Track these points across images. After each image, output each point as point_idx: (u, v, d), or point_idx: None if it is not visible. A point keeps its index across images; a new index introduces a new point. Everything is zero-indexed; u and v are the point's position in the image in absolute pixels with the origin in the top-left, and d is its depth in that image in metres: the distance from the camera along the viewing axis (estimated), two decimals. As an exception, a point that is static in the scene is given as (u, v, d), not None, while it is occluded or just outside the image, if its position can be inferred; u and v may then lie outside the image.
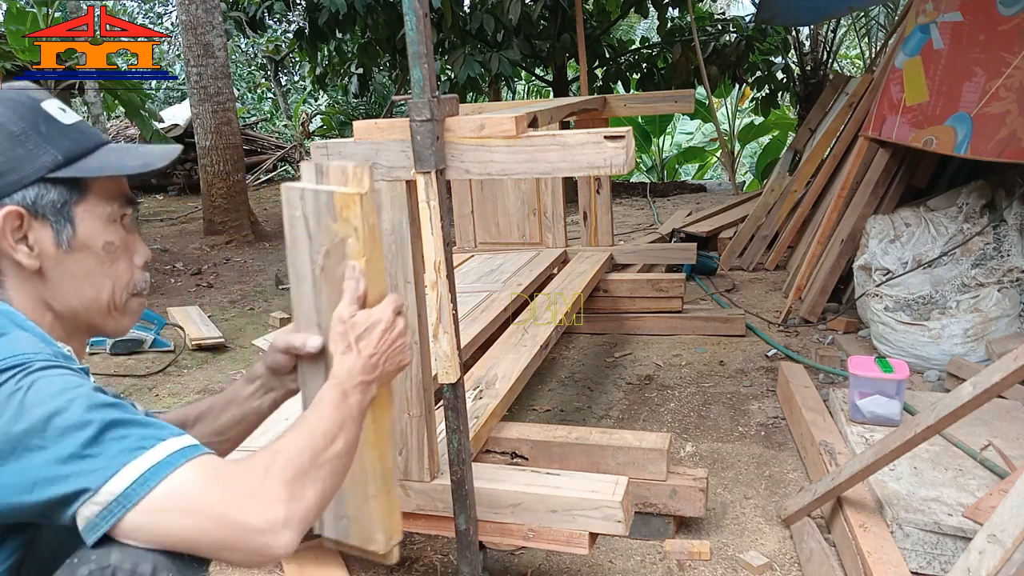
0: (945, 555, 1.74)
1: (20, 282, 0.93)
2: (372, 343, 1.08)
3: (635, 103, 3.70)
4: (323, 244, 1.11)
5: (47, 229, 0.92)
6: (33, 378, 0.81)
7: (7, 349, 0.84)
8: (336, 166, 1.11)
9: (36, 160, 0.91)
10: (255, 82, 14.71)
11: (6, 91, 0.96)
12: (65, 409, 0.80)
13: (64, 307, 0.95)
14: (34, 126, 0.93)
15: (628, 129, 1.34)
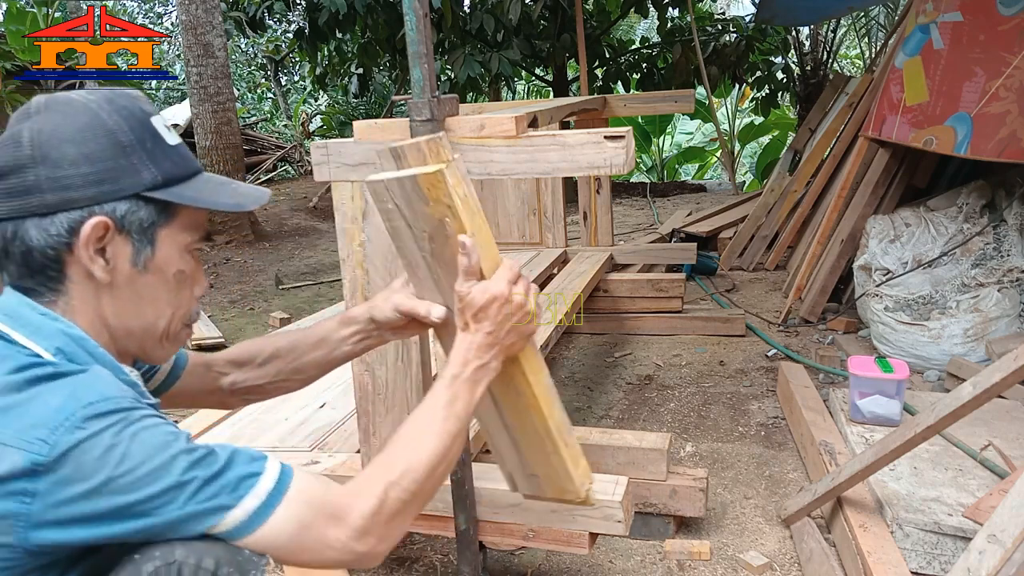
0: (945, 555, 1.74)
1: (84, 293, 0.89)
2: (489, 319, 1.05)
3: (635, 103, 3.70)
4: (424, 229, 1.07)
5: (128, 246, 0.90)
6: (131, 433, 0.79)
7: (94, 390, 0.81)
8: (411, 145, 1.06)
9: (137, 175, 0.88)
10: (255, 82, 14.71)
11: (120, 96, 0.92)
12: (167, 471, 0.79)
13: (121, 327, 0.92)
14: (142, 140, 0.90)
15: (628, 129, 1.34)
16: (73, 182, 0.85)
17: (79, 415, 0.77)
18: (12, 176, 0.85)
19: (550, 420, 1.20)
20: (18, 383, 0.80)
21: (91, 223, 0.86)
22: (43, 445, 0.75)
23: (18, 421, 0.77)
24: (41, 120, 0.86)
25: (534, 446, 1.24)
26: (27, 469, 0.75)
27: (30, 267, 0.87)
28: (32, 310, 0.87)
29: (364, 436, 1.69)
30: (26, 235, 0.85)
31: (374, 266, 1.55)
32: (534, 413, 1.19)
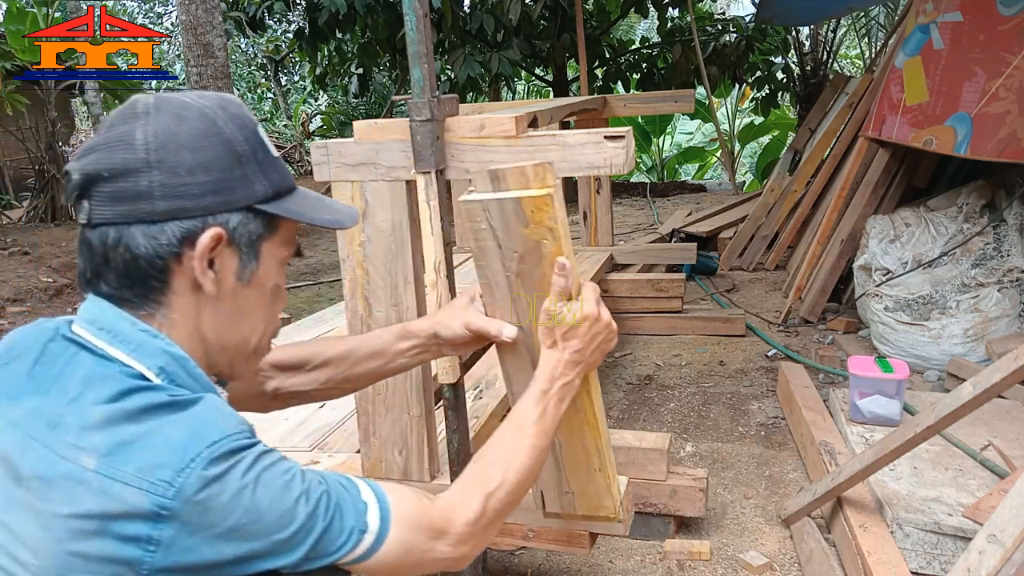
0: (945, 555, 1.74)
1: (185, 307, 0.84)
2: (578, 338, 1.12)
3: (635, 103, 3.70)
4: (515, 250, 1.11)
5: (235, 259, 0.85)
6: (255, 476, 0.76)
7: (216, 426, 0.77)
8: (514, 168, 1.09)
9: (250, 187, 0.85)
10: (255, 82, 14.72)
11: (230, 103, 0.87)
12: (291, 518, 0.78)
13: (218, 342, 0.88)
14: (255, 151, 0.86)
15: (628, 129, 1.33)
16: (189, 191, 0.81)
17: (204, 456, 0.73)
18: (122, 179, 0.79)
19: (602, 438, 1.25)
20: (132, 412, 0.75)
21: (209, 234, 0.82)
22: (168, 488, 0.71)
23: (139, 458, 0.72)
24: (155, 122, 0.81)
25: (581, 463, 1.29)
26: (151, 513, 0.71)
27: (131, 276, 0.81)
28: (132, 325, 0.82)
29: (364, 436, 1.68)
30: (132, 242, 0.80)
31: (374, 266, 1.55)
32: (589, 430, 1.24)
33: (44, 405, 0.76)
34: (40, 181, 7.39)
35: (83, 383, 0.77)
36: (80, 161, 0.80)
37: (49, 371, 0.79)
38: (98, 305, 0.83)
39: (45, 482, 0.72)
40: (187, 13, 6.04)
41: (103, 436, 0.73)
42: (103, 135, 0.81)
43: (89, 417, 0.74)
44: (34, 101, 7.19)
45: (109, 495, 0.71)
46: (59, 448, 0.73)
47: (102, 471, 0.71)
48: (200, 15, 6.02)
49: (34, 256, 5.65)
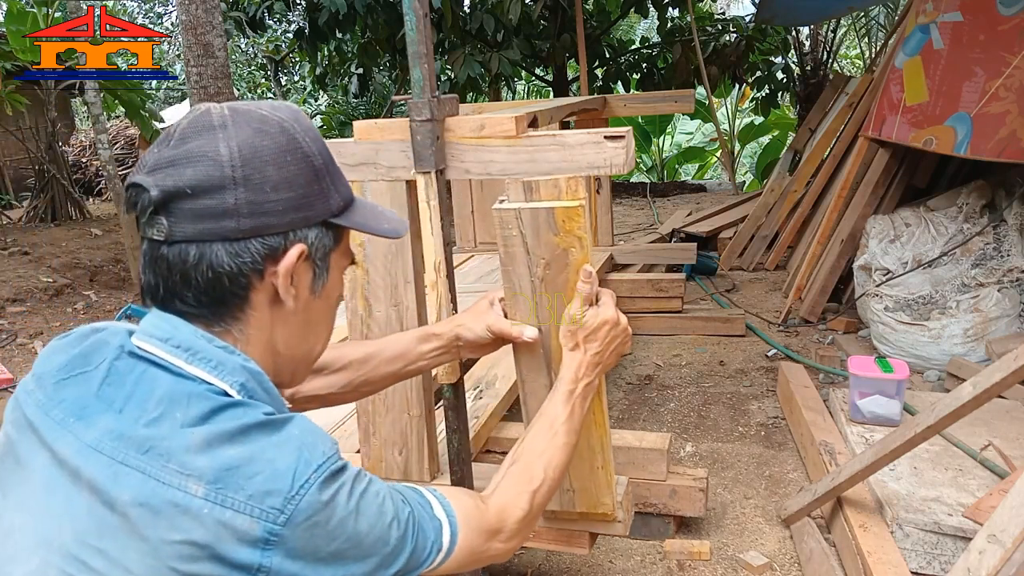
0: (945, 555, 1.74)
1: (261, 321, 0.83)
2: (598, 341, 1.20)
3: (635, 103, 3.70)
4: (542, 257, 1.20)
5: (310, 272, 0.85)
6: (356, 502, 0.78)
7: (317, 448, 0.77)
8: (547, 181, 1.18)
9: (327, 201, 0.84)
10: (255, 82, 14.72)
11: (299, 114, 0.85)
12: (385, 542, 0.81)
13: (288, 354, 0.88)
14: (328, 164, 0.85)
15: (628, 129, 1.33)
16: (274, 208, 0.79)
17: (312, 482, 0.74)
18: (206, 196, 0.76)
19: (606, 436, 1.34)
20: (231, 433, 0.74)
21: (295, 251, 0.81)
22: (279, 515, 0.71)
23: (248, 484, 0.71)
24: (236, 135, 0.78)
25: (585, 460, 1.36)
26: (261, 539, 0.71)
27: (212, 294, 0.79)
28: (209, 342, 0.80)
29: (364, 436, 1.68)
30: (215, 260, 0.78)
31: (374, 266, 1.55)
32: (596, 428, 1.32)
33: (123, 426, 0.74)
34: (40, 181, 7.39)
35: (165, 402, 0.75)
36: (155, 175, 0.77)
37: (119, 390, 0.77)
38: (170, 322, 0.80)
39: (150, 509, 0.70)
40: (187, 13, 6.04)
41: (207, 461, 0.72)
42: (177, 147, 0.78)
43: (187, 440, 0.72)
44: (34, 101, 7.19)
45: (220, 522, 0.70)
46: (159, 474, 0.71)
47: (211, 499, 0.70)
48: (200, 15, 6.02)
49: (34, 256, 5.65)
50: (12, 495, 0.76)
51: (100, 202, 9.51)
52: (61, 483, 0.74)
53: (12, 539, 0.74)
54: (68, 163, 7.94)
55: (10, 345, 4.00)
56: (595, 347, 1.20)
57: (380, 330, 1.58)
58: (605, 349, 1.21)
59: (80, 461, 0.73)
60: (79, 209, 7.62)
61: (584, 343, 1.20)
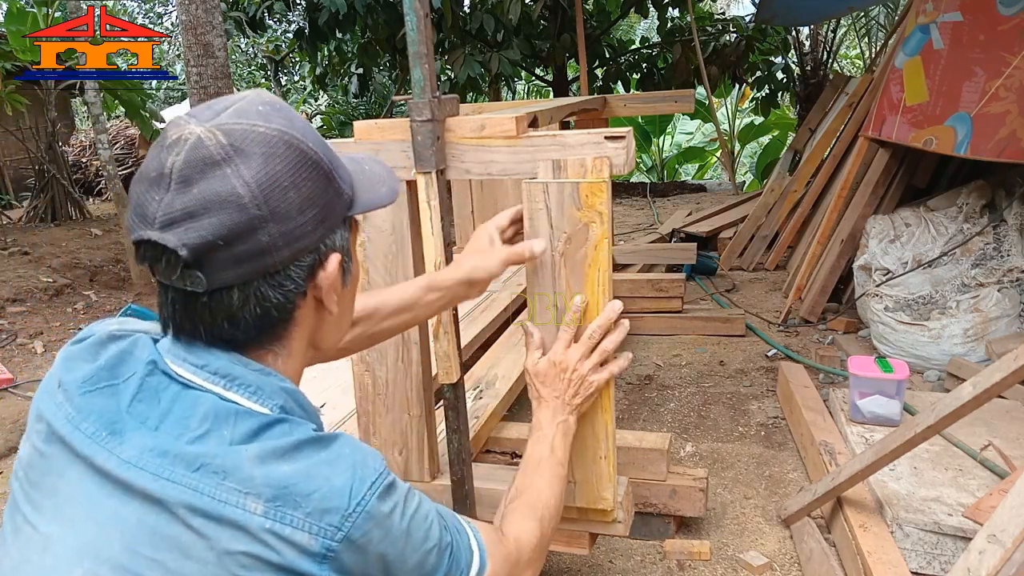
0: (945, 555, 1.74)
1: (303, 331, 0.83)
2: (548, 385, 1.29)
3: (635, 103, 3.69)
4: (564, 231, 1.28)
5: (342, 271, 0.83)
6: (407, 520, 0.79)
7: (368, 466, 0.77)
8: (574, 159, 1.27)
9: (342, 200, 0.82)
10: (255, 82, 14.72)
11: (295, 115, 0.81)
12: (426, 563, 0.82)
13: (327, 346, 0.89)
14: (331, 160, 0.81)
15: (628, 129, 1.34)
16: (304, 230, 0.77)
17: (367, 499, 0.75)
18: (240, 242, 0.73)
19: (611, 424, 1.36)
20: (284, 449, 0.74)
21: (333, 263, 0.80)
22: (337, 532, 0.73)
23: (306, 502, 0.72)
24: (247, 168, 0.73)
25: (588, 448, 1.38)
26: (319, 555, 0.72)
27: (263, 327, 0.79)
28: (246, 367, 0.78)
29: (364, 436, 1.68)
30: (261, 296, 0.76)
31: (374, 266, 1.55)
32: (602, 414, 1.35)
33: (164, 443, 0.72)
34: (40, 181, 7.39)
35: (209, 420, 0.74)
36: (174, 231, 0.71)
37: (152, 407, 0.75)
38: (211, 355, 0.78)
39: (212, 521, 0.70)
40: (187, 13, 6.04)
41: (263, 478, 0.71)
42: (184, 192, 0.72)
43: (240, 458, 0.72)
44: (34, 101, 7.19)
45: (281, 537, 0.71)
46: (215, 492, 0.71)
47: (271, 516, 0.71)
48: (200, 15, 6.02)
49: (34, 256, 5.65)
50: (46, 507, 0.74)
51: (100, 202, 9.51)
52: (106, 494, 0.72)
53: (51, 551, 0.72)
54: (68, 163, 7.94)
55: (10, 345, 4.00)
56: (550, 391, 1.28)
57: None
58: (563, 393, 1.28)
59: (126, 475, 0.72)
60: (79, 209, 7.62)
61: (541, 390, 1.29)
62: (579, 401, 1.29)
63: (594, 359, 1.30)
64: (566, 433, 1.27)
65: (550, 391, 1.28)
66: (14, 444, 2.89)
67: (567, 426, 1.27)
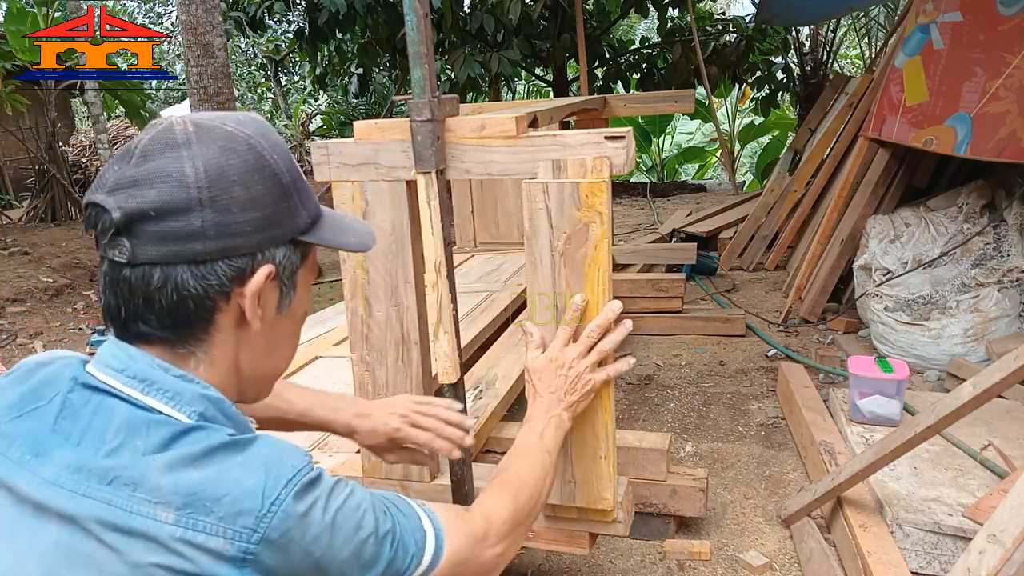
0: (945, 555, 1.74)
1: (226, 343, 0.82)
2: (544, 382, 1.28)
3: (635, 103, 3.69)
4: (564, 231, 1.29)
5: (276, 291, 0.83)
6: (332, 514, 0.77)
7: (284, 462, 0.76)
8: (574, 159, 1.28)
9: (295, 219, 0.82)
10: (255, 82, 14.73)
11: (267, 129, 0.83)
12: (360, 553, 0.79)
13: (251, 373, 0.86)
14: (295, 181, 0.82)
15: (628, 129, 1.34)
16: (241, 229, 0.77)
17: (284, 497, 0.73)
18: (171, 218, 0.74)
19: (611, 424, 1.36)
20: (195, 456, 0.72)
21: (261, 273, 0.79)
22: (252, 534, 0.71)
23: (216, 507, 0.70)
24: (202, 154, 0.76)
25: (588, 447, 1.39)
26: (236, 559, 0.70)
27: (176, 317, 0.77)
28: (166, 372, 0.78)
29: (364, 436, 1.68)
30: (180, 283, 0.76)
31: (374, 266, 1.55)
32: (602, 414, 1.35)
33: (82, 459, 0.72)
34: (40, 181, 7.39)
35: (124, 431, 0.73)
36: (116, 196, 0.74)
37: (75, 423, 0.74)
38: (126, 352, 0.78)
39: (123, 534, 0.69)
40: (187, 13, 6.04)
41: (172, 487, 0.70)
42: (139, 165, 0.75)
43: (151, 467, 0.71)
44: (34, 101, 7.19)
45: (195, 545, 0.69)
46: (127, 504, 0.70)
47: (183, 524, 0.69)
48: (200, 15, 6.02)
49: (34, 256, 5.65)
50: None
51: (100, 202, 9.50)
52: (23, 520, 0.71)
53: None
54: (68, 163, 7.94)
55: (10, 345, 4.00)
56: (549, 387, 1.28)
57: (380, 330, 1.58)
58: (559, 388, 1.28)
59: (42, 496, 0.71)
60: (79, 209, 7.61)
61: (537, 385, 1.29)
62: (575, 398, 1.29)
63: (592, 358, 1.30)
64: (559, 427, 1.25)
65: (546, 386, 1.28)
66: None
67: (560, 420, 1.26)
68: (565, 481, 1.43)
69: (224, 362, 0.82)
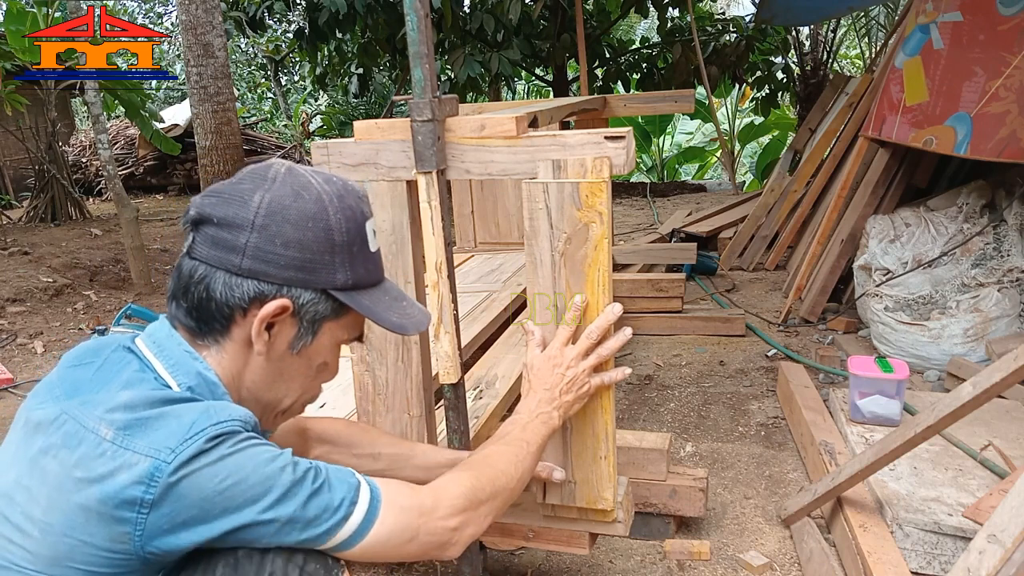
0: (945, 555, 1.74)
1: (236, 353, 0.93)
2: (540, 379, 1.29)
3: (635, 103, 3.69)
4: (564, 231, 1.29)
5: (293, 329, 0.93)
6: (244, 446, 0.83)
7: (226, 411, 0.85)
8: (574, 159, 1.27)
9: (332, 274, 0.92)
10: (255, 82, 14.73)
11: (350, 193, 0.95)
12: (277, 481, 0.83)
13: (252, 394, 0.96)
14: (351, 243, 0.93)
15: (628, 129, 1.34)
16: (276, 260, 0.89)
17: (207, 431, 0.81)
18: (226, 230, 0.88)
19: (611, 424, 1.36)
20: (153, 400, 0.84)
21: (275, 304, 0.90)
22: (169, 454, 0.79)
23: (151, 435, 0.80)
24: (275, 191, 0.90)
25: (588, 448, 1.38)
26: (147, 476, 0.78)
27: (200, 310, 0.90)
28: (178, 345, 0.91)
29: (364, 436, 1.68)
30: (212, 284, 0.89)
31: (374, 266, 1.55)
32: (602, 414, 1.35)
33: (89, 397, 0.84)
34: (40, 181, 7.39)
35: (123, 384, 0.85)
36: (204, 200, 0.90)
37: (106, 374, 0.87)
38: (162, 324, 0.93)
39: (68, 449, 0.80)
40: (187, 13, 6.03)
41: (123, 415, 0.81)
42: (233, 185, 0.91)
43: (114, 397, 0.83)
44: (34, 101, 7.18)
45: (117, 461, 0.78)
46: (85, 420, 0.81)
47: (116, 441, 0.79)
48: (200, 15, 6.01)
49: (34, 256, 5.65)
50: None
51: (100, 202, 9.51)
52: (23, 438, 0.85)
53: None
54: (68, 163, 7.94)
55: (10, 345, 4.00)
56: (543, 384, 1.28)
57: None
58: (554, 387, 1.28)
59: (42, 416, 0.84)
60: (79, 209, 7.62)
61: (532, 381, 1.30)
62: (569, 399, 1.28)
63: (591, 361, 1.29)
64: (546, 423, 1.25)
65: (541, 383, 1.29)
66: (14, 444, 2.89)
67: (549, 418, 1.25)
68: (565, 482, 1.43)
69: (231, 370, 0.93)
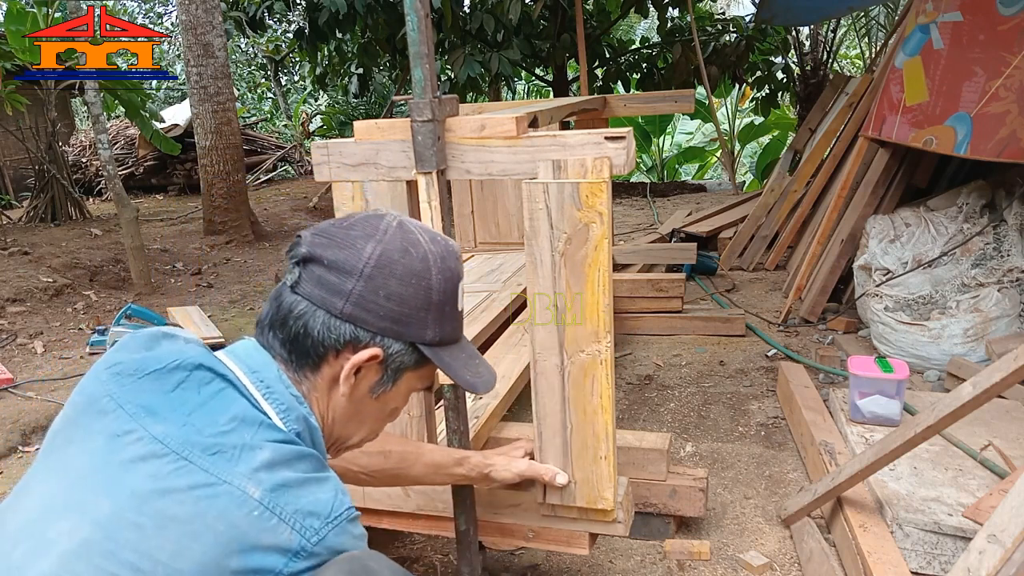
0: (945, 555, 1.74)
1: (323, 390, 0.97)
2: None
3: (635, 103, 3.69)
4: (564, 232, 1.28)
5: (377, 375, 0.98)
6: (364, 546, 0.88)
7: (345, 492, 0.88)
8: (575, 160, 1.28)
9: (423, 329, 0.97)
10: (255, 82, 14.72)
11: (450, 255, 1.00)
12: None
13: (332, 427, 1.01)
14: (444, 304, 0.99)
15: (628, 130, 1.34)
16: (377, 310, 0.93)
17: (344, 517, 0.85)
18: (334, 273, 0.92)
19: (611, 424, 1.37)
20: (290, 459, 0.85)
21: (368, 352, 0.94)
22: (315, 534, 0.81)
23: (296, 502, 0.82)
24: (386, 243, 0.94)
25: (588, 448, 1.39)
26: (294, 550, 0.80)
27: (296, 345, 0.94)
28: (286, 388, 0.93)
29: (364, 436, 1.68)
30: (311, 322, 0.93)
31: (374, 266, 1.55)
32: (603, 414, 1.36)
33: (190, 431, 0.82)
34: (40, 181, 7.38)
35: (238, 421, 0.85)
36: (314, 238, 0.95)
37: (191, 396, 0.86)
38: (263, 357, 0.94)
39: (206, 499, 0.79)
40: (187, 13, 6.04)
41: (268, 474, 0.82)
42: (345, 230, 0.95)
43: (256, 454, 0.83)
44: (34, 101, 7.18)
45: (266, 525, 0.79)
46: (222, 474, 0.80)
47: (265, 503, 0.80)
48: (200, 15, 6.02)
49: (34, 256, 5.64)
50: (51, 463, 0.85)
51: (100, 202, 9.50)
52: (112, 465, 0.81)
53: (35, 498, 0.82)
54: (68, 163, 7.93)
55: (10, 345, 4.00)
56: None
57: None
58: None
59: (141, 450, 0.81)
60: (79, 209, 7.62)
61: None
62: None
63: None
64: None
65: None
66: (14, 444, 2.88)
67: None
68: None
69: (321, 402, 0.97)
